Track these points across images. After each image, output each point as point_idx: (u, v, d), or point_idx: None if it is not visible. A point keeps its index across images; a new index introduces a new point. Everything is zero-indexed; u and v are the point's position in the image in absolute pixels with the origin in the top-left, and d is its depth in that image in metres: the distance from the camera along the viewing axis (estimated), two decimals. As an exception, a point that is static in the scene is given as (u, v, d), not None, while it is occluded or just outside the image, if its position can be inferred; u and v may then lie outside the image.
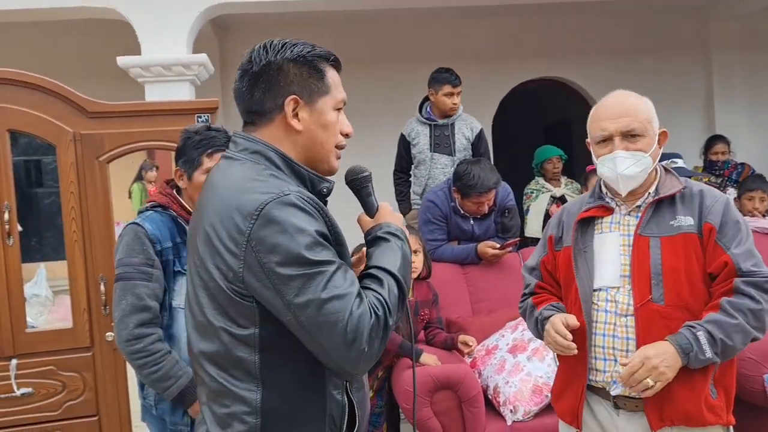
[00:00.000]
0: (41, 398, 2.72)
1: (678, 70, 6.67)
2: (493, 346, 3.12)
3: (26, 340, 2.73)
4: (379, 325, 1.26)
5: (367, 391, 1.52)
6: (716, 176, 5.16)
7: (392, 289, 1.32)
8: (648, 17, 6.60)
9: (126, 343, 2.07)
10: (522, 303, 2.08)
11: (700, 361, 1.72)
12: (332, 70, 1.44)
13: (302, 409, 1.35)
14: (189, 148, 2.19)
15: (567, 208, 2.06)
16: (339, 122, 1.43)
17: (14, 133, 2.76)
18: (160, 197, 2.24)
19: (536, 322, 1.97)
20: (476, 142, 4.11)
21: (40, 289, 4.54)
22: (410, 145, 4.17)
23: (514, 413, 2.81)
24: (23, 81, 2.74)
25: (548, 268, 2.03)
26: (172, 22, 4.31)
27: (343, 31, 6.24)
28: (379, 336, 1.27)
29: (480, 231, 3.63)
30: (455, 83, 4.00)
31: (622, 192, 1.88)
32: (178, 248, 2.17)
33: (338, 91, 1.43)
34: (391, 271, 1.34)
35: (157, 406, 2.20)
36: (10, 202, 2.70)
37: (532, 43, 6.53)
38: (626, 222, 1.89)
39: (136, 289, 2.08)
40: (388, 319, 1.29)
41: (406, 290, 1.35)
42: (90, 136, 2.76)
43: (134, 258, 2.10)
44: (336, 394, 1.37)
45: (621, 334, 1.82)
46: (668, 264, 1.79)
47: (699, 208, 1.83)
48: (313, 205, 1.29)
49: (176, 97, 4.16)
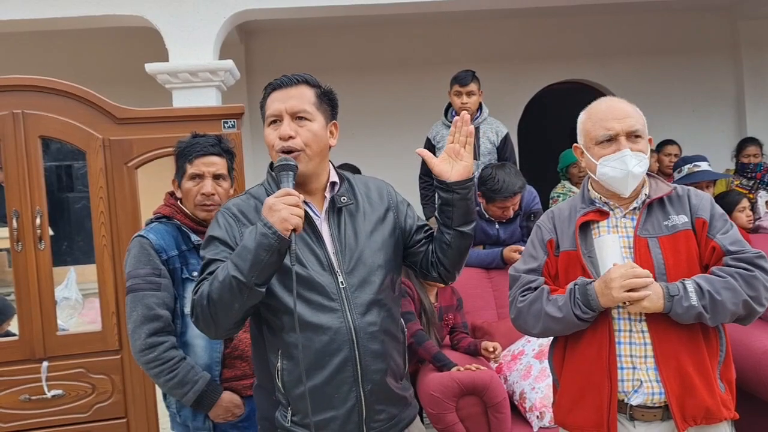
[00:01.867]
0: (71, 400, 2.76)
1: (706, 71, 6.58)
2: (519, 351, 3.09)
3: (57, 343, 2.77)
4: (193, 305, 1.65)
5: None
6: (748, 179, 5.07)
7: (217, 275, 1.60)
8: (674, 17, 6.52)
9: (140, 353, 2.10)
10: (524, 297, 1.90)
11: (684, 309, 1.73)
12: (269, 98, 1.77)
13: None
14: (177, 158, 2.26)
15: (556, 212, 2.00)
16: (270, 135, 1.74)
17: (45, 140, 2.81)
18: (164, 208, 2.29)
19: (572, 295, 1.80)
20: (501, 146, 4.08)
21: (70, 292, 4.62)
22: (435, 149, 4.16)
23: (540, 419, 2.79)
24: (53, 88, 2.79)
25: (551, 272, 1.94)
26: (199, 29, 4.36)
27: (367, 36, 6.27)
28: (198, 312, 1.64)
29: (505, 235, 3.60)
30: (463, 82, 3.97)
31: (626, 192, 1.87)
32: (184, 256, 2.20)
33: (267, 111, 1.75)
34: (228, 259, 1.62)
35: (180, 413, 2.22)
36: (41, 208, 2.75)
37: (557, 46, 6.50)
38: (623, 224, 1.89)
39: (146, 300, 2.11)
40: (199, 299, 1.63)
41: (231, 269, 1.57)
42: (119, 142, 2.80)
43: (141, 269, 2.14)
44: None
45: (638, 340, 1.81)
46: (670, 263, 1.81)
47: (689, 206, 1.89)
48: (226, 216, 1.73)
49: (203, 103, 4.21)
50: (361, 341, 1.67)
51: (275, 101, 1.73)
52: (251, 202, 1.76)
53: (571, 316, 1.79)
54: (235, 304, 1.59)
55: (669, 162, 5.05)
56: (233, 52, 5.43)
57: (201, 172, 2.22)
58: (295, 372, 1.67)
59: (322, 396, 1.67)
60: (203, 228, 2.24)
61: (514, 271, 1.97)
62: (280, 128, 1.71)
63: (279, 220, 1.54)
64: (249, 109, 5.84)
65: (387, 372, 1.72)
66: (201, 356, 2.18)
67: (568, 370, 1.89)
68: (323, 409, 1.68)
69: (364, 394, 1.68)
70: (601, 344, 1.81)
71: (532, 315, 1.86)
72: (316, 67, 6.17)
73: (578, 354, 1.86)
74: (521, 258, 2.01)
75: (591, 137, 1.89)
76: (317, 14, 4.78)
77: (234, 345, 2.22)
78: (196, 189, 2.22)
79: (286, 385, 1.71)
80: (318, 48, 6.30)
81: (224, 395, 2.17)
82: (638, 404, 1.80)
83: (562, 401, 1.93)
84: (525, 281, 1.92)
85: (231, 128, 2.86)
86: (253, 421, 2.24)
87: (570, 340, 1.89)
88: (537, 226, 2.01)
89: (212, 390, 2.14)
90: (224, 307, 1.59)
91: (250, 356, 2.23)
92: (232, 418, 2.20)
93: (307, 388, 1.64)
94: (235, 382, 2.22)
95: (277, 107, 1.72)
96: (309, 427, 1.66)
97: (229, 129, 2.86)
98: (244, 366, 2.23)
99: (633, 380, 1.80)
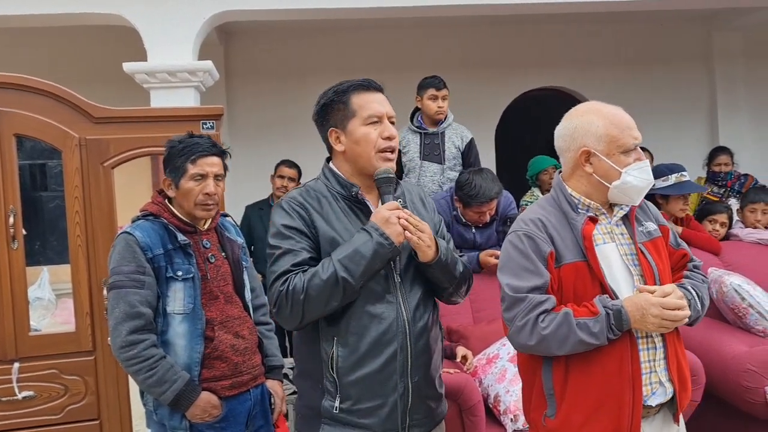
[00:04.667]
0: (43, 401, 2.74)
1: (681, 81, 6.69)
2: (494, 355, 3.12)
3: (29, 344, 2.75)
4: (280, 297, 1.73)
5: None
6: (719, 187, 5.16)
7: (318, 272, 1.70)
8: (651, 28, 6.62)
9: (120, 350, 2.10)
10: (544, 322, 1.75)
11: (695, 320, 1.86)
12: (357, 95, 1.83)
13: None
14: (174, 156, 2.23)
15: (543, 221, 1.85)
16: (371, 133, 1.81)
17: (20, 138, 2.78)
18: (151, 206, 2.27)
19: (607, 321, 1.73)
20: (466, 151, 4.11)
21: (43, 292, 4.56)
22: (401, 153, 4.17)
23: (514, 422, 2.81)
24: (29, 86, 2.77)
25: (554, 287, 1.81)
26: (178, 29, 4.33)
27: (346, 39, 6.28)
28: (285, 304, 1.73)
29: (482, 240, 3.63)
30: (439, 86, 4.00)
31: (636, 202, 1.88)
32: (170, 255, 2.19)
33: (364, 110, 1.81)
34: (333, 258, 1.73)
35: (157, 412, 2.21)
36: (15, 206, 2.73)
37: (536, 53, 6.56)
38: (613, 231, 1.88)
39: (128, 297, 2.11)
40: (291, 292, 1.71)
41: (339, 270, 1.69)
42: (95, 141, 2.78)
43: (125, 266, 2.13)
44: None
45: (652, 344, 1.83)
46: (659, 267, 1.86)
47: (651, 213, 1.98)
48: (293, 205, 1.81)
49: (181, 103, 4.19)
50: (412, 334, 1.79)
51: (374, 102, 1.83)
52: (312, 194, 1.86)
53: (604, 340, 1.74)
54: (334, 302, 1.72)
55: None
56: (212, 53, 5.40)
57: (205, 172, 2.22)
58: (349, 360, 1.76)
59: (373, 383, 1.76)
60: (190, 228, 2.25)
61: (513, 290, 1.79)
62: (383, 129, 1.82)
63: (396, 233, 1.72)
64: (228, 111, 5.82)
65: (431, 366, 1.85)
66: (181, 356, 2.17)
67: (578, 386, 1.80)
68: (373, 396, 1.77)
69: (411, 385, 1.79)
70: (622, 355, 1.78)
71: (558, 340, 1.75)
72: (295, 70, 6.23)
73: (593, 367, 1.79)
74: (511, 272, 1.82)
75: (618, 144, 1.83)
76: (297, 17, 4.78)
77: (214, 345, 2.21)
78: (199, 189, 2.22)
79: (339, 371, 1.77)
80: (297, 50, 6.30)
81: (202, 395, 2.16)
82: (654, 404, 1.83)
83: (573, 418, 1.81)
84: (534, 302, 1.76)
85: (210, 129, 2.86)
86: (230, 422, 2.24)
87: (576, 356, 1.78)
88: (527, 237, 1.82)
89: (191, 390, 2.14)
90: (321, 304, 1.72)
91: (229, 357, 2.23)
92: (209, 418, 2.18)
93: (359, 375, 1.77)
94: (214, 383, 2.21)
95: (379, 109, 1.82)
96: (357, 414, 1.77)
97: (208, 130, 2.86)
98: (223, 367, 2.23)
99: (651, 383, 1.82)
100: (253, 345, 2.35)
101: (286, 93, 6.16)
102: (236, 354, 2.26)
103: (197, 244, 2.26)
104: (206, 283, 2.23)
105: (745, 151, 6.13)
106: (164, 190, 2.27)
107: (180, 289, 2.18)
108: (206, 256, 2.26)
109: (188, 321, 2.18)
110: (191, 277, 2.19)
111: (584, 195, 1.88)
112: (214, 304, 2.24)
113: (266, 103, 6.22)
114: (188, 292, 2.18)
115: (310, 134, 2.06)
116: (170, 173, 2.24)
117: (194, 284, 2.20)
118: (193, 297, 2.19)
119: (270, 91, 6.20)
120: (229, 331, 2.25)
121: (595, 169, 1.85)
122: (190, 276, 2.19)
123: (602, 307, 1.75)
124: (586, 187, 1.88)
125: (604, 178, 1.84)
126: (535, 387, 1.89)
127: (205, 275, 2.24)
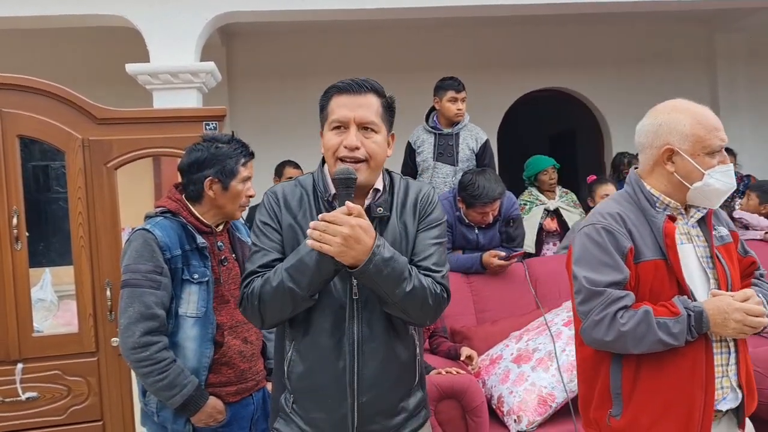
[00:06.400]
0: (46, 402, 2.73)
1: (683, 82, 6.69)
2: (498, 355, 3.12)
3: (32, 345, 2.74)
4: (243, 299, 1.69)
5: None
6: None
7: (270, 279, 1.64)
8: (654, 29, 6.62)
9: (131, 350, 2.06)
10: (623, 318, 1.73)
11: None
12: (336, 98, 1.70)
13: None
14: (223, 157, 2.18)
15: (622, 216, 1.82)
16: (332, 139, 1.69)
17: (24, 139, 2.78)
18: (169, 203, 2.21)
19: (687, 323, 1.71)
20: (481, 152, 4.11)
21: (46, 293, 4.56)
22: (415, 153, 4.19)
23: (518, 423, 2.81)
24: (33, 87, 2.76)
25: (631, 283, 1.79)
26: (181, 30, 4.34)
27: (350, 40, 6.28)
28: (247, 306, 1.69)
29: (485, 240, 3.63)
30: (458, 88, 4.03)
31: (716, 205, 1.86)
32: (186, 256, 2.15)
33: (332, 114, 1.69)
34: (282, 266, 1.65)
35: (159, 414, 2.18)
36: (18, 208, 2.72)
37: (538, 54, 6.56)
38: (690, 233, 1.86)
39: (144, 297, 2.06)
40: (250, 296, 1.67)
41: (286, 280, 1.61)
42: (98, 142, 2.78)
43: (142, 265, 2.08)
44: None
45: (725, 348, 1.82)
46: (732, 274, 1.84)
47: (724, 219, 1.95)
48: (270, 199, 1.75)
49: (183, 104, 4.20)
50: (364, 354, 1.68)
51: (342, 106, 1.68)
52: (297, 191, 1.76)
53: (683, 341, 1.73)
54: (287, 309, 1.65)
55: None
56: (214, 54, 5.41)
57: (251, 175, 2.25)
58: (299, 367, 1.71)
59: (317, 396, 1.70)
60: (207, 229, 2.22)
61: (591, 284, 1.76)
62: (346, 136, 1.66)
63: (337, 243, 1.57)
64: (230, 112, 5.82)
65: (388, 387, 1.71)
66: (190, 359, 2.15)
67: (648, 387, 1.79)
68: (317, 408, 1.71)
69: (359, 405, 1.69)
70: (697, 357, 1.76)
71: (636, 338, 1.73)
72: (297, 71, 6.23)
73: (666, 368, 1.77)
74: (588, 265, 1.79)
75: (705, 145, 1.80)
76: (300, 18, 4.79)
77: (223, 351, 2.19)
78: (246, 191, 2.23)
79: (291, 374, 1.74)
80: (300, 51, 6.30)
81: (209, 401, 2.15)
82: (723, 409, 1.81)
83: (641, 419, 1.79)
84: (613, 297, 1.74)
85: (213, 130, 2.85)
86: (233, 427, 2.23)
87: (649, 356, 1.77)
88: (606, 231, 1.79)
89: (199, 395, 2.12)
90: (276, 310, 1.66)
91: (236, 363, 2.22)
92: (213, 423, 2.17)
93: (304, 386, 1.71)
94: (220, 388, 2.19)
95: (345, 114, 1.67)
96: (305, 419, 1.72)
97: (211, 131, 2.85)
98: (230, 373, 2.21)
99: (723, 388, 1.81)
100: (258, 350, 2.34)
101: (287, 94, 6.16)
102: (243, 360, 2.24)
103: (212, 245, 2.23)
104: (218, 287, 2.21)
105: (747, 152, 6.12)
106: (205, 189, 2.19)
107: (194, 292, 2.15)
108: (220, 259, 2.23)
109: (200, 325, 2.16)
110: (206, 281, 2.17)
111: (663, 193, 1.85)
112: (224, 308, 2.22)
113: (268, 104, 6.22)
114: (202, 296, 2.16)
115: (312, 135, 2.06)
116: (218, 174, 2.17)
117: (208, 288, 2.17)
118: (206, 300, 2.16)
119: (272, 92, 6.20)
120: (237, 336, 2.24)
121: (677, 168, 1.82)
122: (205, 279, 2.16)
123: (683, 307, 1.73)
124: (666, 186, 1.85)
125: (685, 178, 1.81)
126: (598, 385, 1.86)
127: (218, 278, 2.21)
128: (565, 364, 2.88)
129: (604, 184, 4.33)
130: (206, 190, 2.19)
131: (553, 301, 3.45)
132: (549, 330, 3.07)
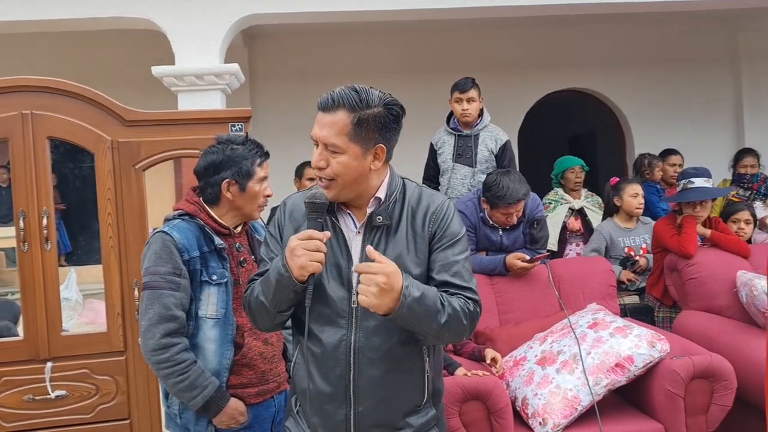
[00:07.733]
0: (75, 401, 2.77)
1: (706, 82, 6.63)
2: (522, 357, 3.11)
3: (61, 344, 2.78)
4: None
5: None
6: (744, 189, 5.11)
7: (254, 289, 1.74)
8: (675, 28, 6.57)
9: (152, 352, 2.08)
10: None
11: None
12: (317, 116, 1.70)
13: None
14: (239, 158, 2.19)
15: None
16: (313, 154, 1.70)
17: (53, 141, 2.82)
18: (186, 205, 2.23)
19: None
20: (500, 154, 4.07)
21: (71, 293, 4.63)
22: (437, 154, 4.19)
23: (543, 426, 2.80)
24: (62, 89, 2.80)
25: None
26: (205, 33, 4.38)
27: (370, 41, 6.29)
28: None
29: (508, 242, 3.62)
30: (463, 89, 3.98)
31: None
32: (204, 257, 2.16)
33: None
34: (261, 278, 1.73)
35: (182, 415, 2.19)
36: (48, 208, 2.77)
37: (559, 54, 6.54)
38: None
39: (164, 299, 2.07)
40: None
41: (258, 292, 1.72)
42: (127, 143, 2.81)
43: (162, 267, 2.09)
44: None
45: None
46: None
47: None
48: (280, 210, 1.81)
49: (208, 106, 4.23)
50: (360, 364, 1.67)
51: (316, 123, 1.67)
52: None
53: None
54: (267, 319, 1.75)
55: (674, 172, 5.07)
56: (237, 55, 5.44)
57: (267, 175, 2.27)
58: (301, 370, 1.75)
59: (316, 402, 1.72)
60: (225, 230, 2.23)
61: None
62: (314, 155, 1.68)
63: (297, 266, 1.58)
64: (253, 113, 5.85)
65: (387, 398, 1.69)
66: (211, 360, 2.16)
67: None
68: (316, 414, 1.73)
69: (355, 414, 1.69)
70: None
71: None
72: (319, 72, 6.25)
73: None
74: None
75: None
76: (322, 19, 4.81)
77: (243, 353, 2.20)
78: (263, 191, 2.25)
79: (294, 377, 1.80)
80: (321, 53, 6.33)
81: (231, 402, 2.15)
82: None
83: None
84: None
85: (239, 131, 2.88)
86: (255, 429, 2.24)
87: None
88: None
89: (220, 397, 2.13)
90: (261, 318, 1.77)
91: (257, 365, 2.23)
92: (235, 425, 2.17)
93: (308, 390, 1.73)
94: (241, 390, 2.20)
95: (315, 132, 1.66)
96: (308, 423, 1.77)
97: (237, 132, 2.87)
98: (251, 374, 2.22)
99: None
100: (279, 352, 2.35)
101: (308, 95, 6.09)
102: (264, 362, 2.25)
103: (231, 247, 2.23)
104: (238, 288, 2.21)
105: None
106: (222, 192, 2.19)
107: (214, 293, 2.16)
108: (239, 260, 2.24)
109: (219, 326, 2.16)
110: (225, 282, 2.18)
111: None
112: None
113: (290, 105, 6.24)
114: (221, 297, 2.16)
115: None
116: (235, 175, 2.18)
117: (227, 289, 2.18)
118: (225, 302, 2.17)
119: (293, 93, 6.23)
120: (258, 338, 2.24)
121: None
122: (224, 281, 2.17)
123: None
124: None
125: None
126: None
127: (237, 280, 2.21)
128: (590, 366, 2.87)
129: (632, 184, 4.32)
130: (224, 192, 2.19)
131: (577, 303, 3.43)
132: (573, 332, 3.06)
